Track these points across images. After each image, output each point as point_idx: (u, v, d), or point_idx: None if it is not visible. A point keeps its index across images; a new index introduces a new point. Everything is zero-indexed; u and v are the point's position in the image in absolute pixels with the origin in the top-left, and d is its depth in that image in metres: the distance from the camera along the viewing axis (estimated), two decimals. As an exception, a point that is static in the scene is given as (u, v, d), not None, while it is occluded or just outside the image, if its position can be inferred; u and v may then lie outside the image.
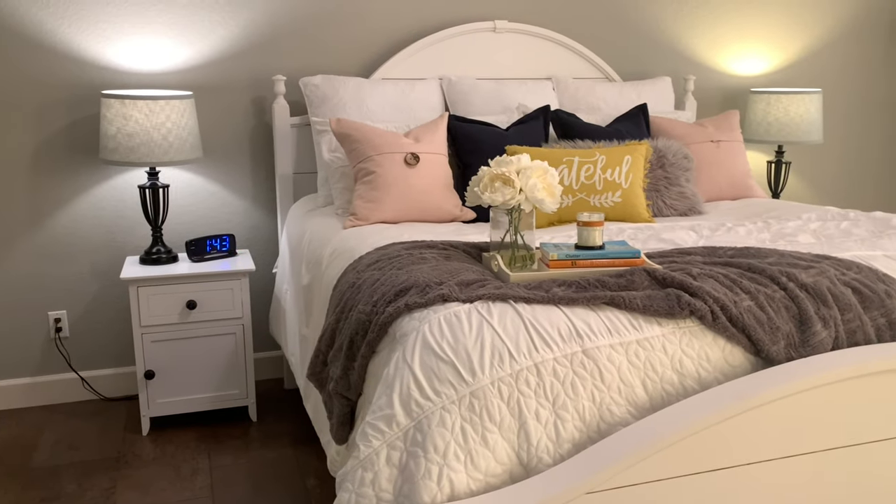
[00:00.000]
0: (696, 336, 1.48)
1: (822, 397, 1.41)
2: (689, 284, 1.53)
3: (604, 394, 1.41)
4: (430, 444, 1.32)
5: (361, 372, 1.58)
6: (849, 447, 1.45)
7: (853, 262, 1.73)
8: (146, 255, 2.71)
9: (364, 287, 1.72)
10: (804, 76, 3.72)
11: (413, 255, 1.84)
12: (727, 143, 2.95)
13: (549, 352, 1.42)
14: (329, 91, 2.77)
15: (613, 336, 1.45)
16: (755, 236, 2.14)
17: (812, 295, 1.57)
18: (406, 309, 1.54)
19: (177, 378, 2.67)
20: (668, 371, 1.44)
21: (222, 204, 2.99)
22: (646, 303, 1.49)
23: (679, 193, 2.64)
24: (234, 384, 2.73)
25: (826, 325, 1.53)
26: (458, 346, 1.41)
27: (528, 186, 1.73)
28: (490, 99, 2.93)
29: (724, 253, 1.84)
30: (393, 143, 2.45)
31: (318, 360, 1.77)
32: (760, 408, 1.37)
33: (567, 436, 1.37)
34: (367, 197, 2.39)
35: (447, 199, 2.47)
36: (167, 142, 2.56)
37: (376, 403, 1.40)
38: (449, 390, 1.36)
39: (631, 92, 3.15)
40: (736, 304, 1.50)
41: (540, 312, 1.49)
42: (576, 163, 2.48)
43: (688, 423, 1.31)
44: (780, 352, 1.48)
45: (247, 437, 2.63)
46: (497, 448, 1.34)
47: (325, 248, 2.24)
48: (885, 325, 1.59)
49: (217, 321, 2.68)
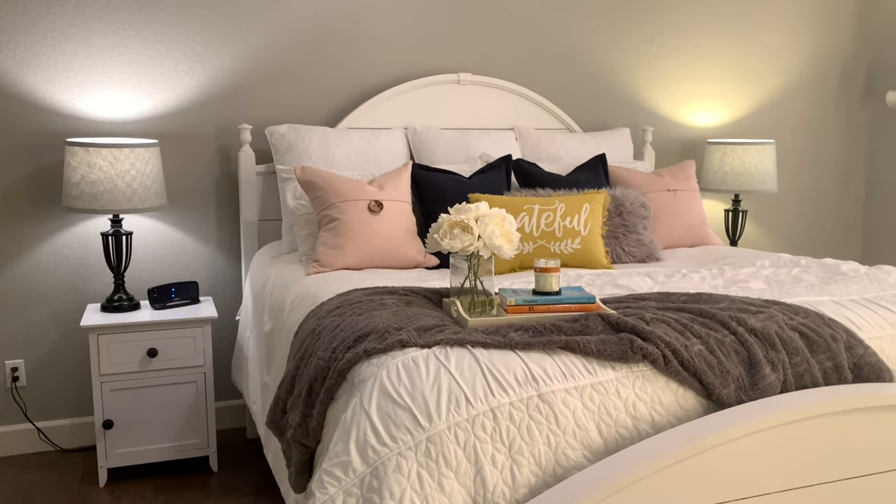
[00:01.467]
0: (649, 380, 1.51)
1: (771, 439, 1.44)
2: (642, 329, 1.56)
3: (559, 438, 1.42)
4: (387, 491, 1.32)
5: (320, 419, 1.58)
6: (798, 489, 1.47)
7: (801, 308, 1.79)
8: (107, 302, 2.69)
9: (324, 333, 1.73)
10: (758, 128, 3.85)
11: (374, 301, 1.86)
12: (683, 192, 3.04)
13: (505, 396, 1.44)
14: (295, 140, 2.81)
15: (568, 380, 1.48)
16: (709, 282, 2.20)
17: (761, 339, 1.61)
18: (365, 355, 1.55)
19: (136, 428, 2.62)
20: (622, 415, 1.47)
21: (186, 251, 2.99)
22: (600, 347, 1.52)
23: (637, 241, 2.70)
24: (194, 433, 2.69)
25: (774, 369, 1.57)
26: (415, 392, 1.43)
27: (486, 233, 1.77)
28: (454, 148, 2.99)
29: (678, 298, 1.89)
30: (357, 190, 2.49)
31: (277, 407, 1.76)
32: (712, 450, 1.39)
33: (523, 480, 1.38)
34: (331, 244, 2.42)
35: (411, 245, 2.50)
36: (131, 189, 2.57)
37: (333, 450, 1.40)
38: (405, 436, 1.37)
39: (591, 142, 3.24)
40: (687, 348, 1.54)
41: (497, 357, 1.51)
42: (536, 210, 2.54)
43: (641, 466, 1.33)
44: (730, 395, 1.52)
45: (206, 488, 2.58)
46: (453, 494, 1.35)
47: (287, 295, 2.24)
48: (832, 369, 1.64)
49: (178, 369, 2.65)
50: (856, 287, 2.07)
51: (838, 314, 1.80)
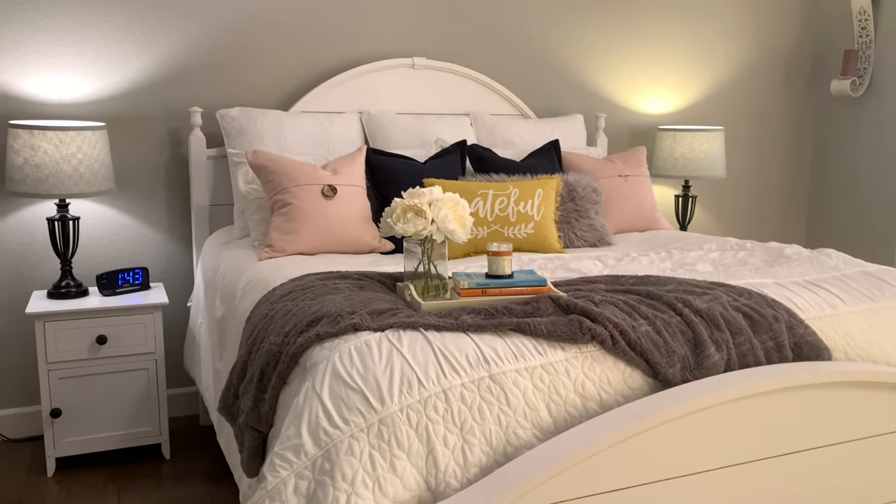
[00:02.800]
0: (598, 360, 1.54)
1: (715, 417, 1.48)
2: (591, 311, 1.59)
3: (510, 418, 1.45)
4: (338, 473, 1.32)
5: (272, 403, 1.58)
6: (741, 465, 1.52)
7: (745, 289, 1.84)
8: (54, 289, 2.63)
9: (276, 318, 1.73)
10: (708, 115, 3.93)
11: (327, 286, 1.86)
12: (634, 177, 3.08)
13: (456, 378, 1.45)
14: (246, 123, 2.78)
15: (519, 361, 1.50)
16: (657, 265, 2.24)
17: (706, 320, 1.66)
18: (317, 339, 1.55)
19: (85, 416, 2.58)
20: (571, 394, 1.50)
21: (136, 236, 2.93)
22: (550, 328, 1.55)
23: (589, 225, 2.74)
24: (146, 421, 2.65)
25: (719, 349, 1.62)
26: (367, 375, 1.43)
27: (439, 217, 1.78)
28: (409, 133, 2.99)
29: (626, 281, 1.92)
30: (310, 174, 2.47)
31: (229, 392, 1.75)
32: (658, 427, 1.43)
33: (474, 460, 1.40)
34: (284, 229, 2.40)
35: (365, 230, 2.49)
36: (78, 173, 2.51)
37: (285, 434, 1.40)
38: (357, 418, 1.38)
39: (545, 128, 3.27)
40: (634, 329, 1.58)
41: (449, 339, 1.53)
42: (490, 195, 2.55)
43: (590, 444, 1.36)
44: (676, 374, 1.55)
45: (159, 476, 2.56)
46: (405, 474, 1.36)
47: (239, 280, 2.22)
48: (774, 348, 1.69)
49: (129, 356, 2.61)
50: (798, 269, 2.13)
51: (781, 296, 1.86)
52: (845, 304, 1.86)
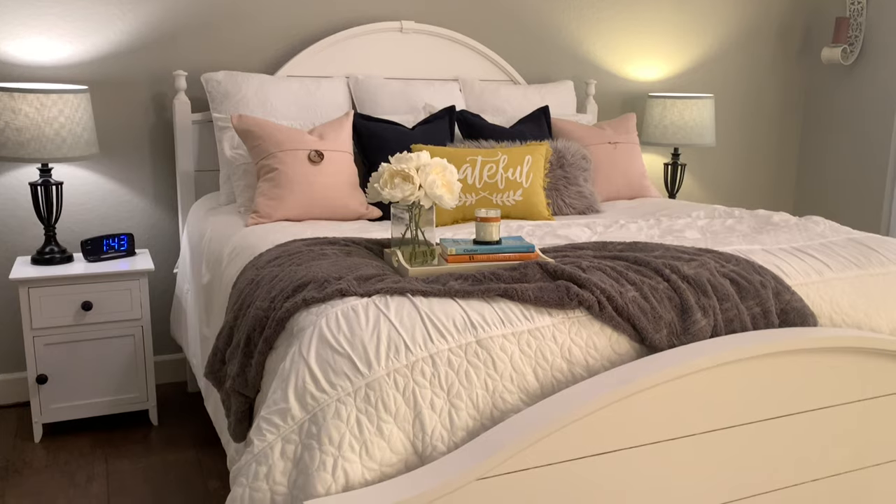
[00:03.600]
0: (585, 325, 1.54)
1: (701, 382, 1.49)
2: (579, 276, 1.59)
3: (497, 382, 1.45)
4: (325, 436, 1.32)
5: (259, 368, 1.57)
6: (727, 429, 1.54)
7: (732, 256, 1.84)
8: (38, 255, 2.61)
9: (263, 283, 1.72)
10: (698, 83, 3.90)
11: (313, 252, 1.84)
12: (624, 144, 3.07)
13: (444, 342, 1.45)
14: (232, 87, 2.74)
15: (506, 326, 1.50)
16: (645, 232, 2.24)
17: (693, 286, 1.66)
18: (304, 304, 1.54)
19: (72, 382, 2.57)
20: (557, 359, 1.50)
21: (120, 202, 2.90)
22: (537, 294, 1.54)
23: (577, 193, 2.73)
24: (133, 387, 2.65)
25: (706, 314, 1.62)
26: (354, 339, 1.43)
27: (427, 183, 1.76)
28: (397, 98, 2.96)
29: (614, 247, 1.92)
30: (296, 140, 2.44)
31: (215, 358, 1.75)
32: (643, 392, 1.44)
33: (461, 424, 1.41)
34: (270, 194, 2.38)
35: (352, 197, 2.47)
36: (60, 137, 2.47)
37: (271, 398, 1.40)
38: (345, 382, 1.37)
39: (534, 95, 3.24)
40: (622, 294, 1.58)
41: (436, 305, 1.52)
42: (479, 162, 2.54)
43: (576, 408, 1.37)
44: (662, 339, 1.56)
45: (147, 442, 2.56)
46: (392, 438, 1.36)
47: (225, 247, 2.21)
48: (760, 314, 1.70)
49: (115, 323, 2.60)
50: (786, 236, 2.14)
51: (768, 262, 1.86)
52: (832, 270, 1.87)
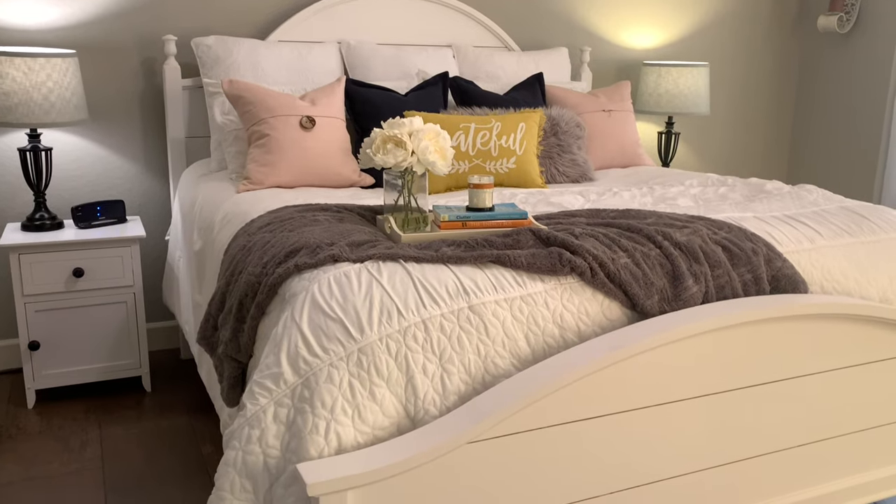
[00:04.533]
0: (577, 292, 1.54)
1: (691, 348, 1.50)
2: (571, 243, 1.59)
3: (489, 347, 1.45)
4: (318, 400, 1.33)
5: (251, 334, 1.58)
6: (717, 394, 1.55)
7: (724, 223, 1.84)
8: (28, 221, 2.59)
9: (254, 249, 1.71)
10: (693, 50, 3.87)
11: (305, 218, 1.83)
12: (618, 112, 3.05)
13: (436, 308, 1.45)
14: (222, 52, 2.70)
15: (498, 292, 1.50)
16: (638, 200, 2.24)
17: (685, 253, 1.66)
18: (296, 269, 1.54)
19: (64, 349, 2.57)
20: (549, 325, 1.50)
21: (111, 169, 2.88)
22: (530, 260, 1.54)
23: (571, 161, 2.72)
24: (126, 354, 2.65)
25: (697, 281, 1.63)
26: (346, 305, 1.43)
27: (419, 149, 1.75)
28: (389, 64, 2.93)
29: (607, 215, 1.92)
30: (288, 105, 2.42)
31: (208, 323, 1.75)
32: (634, 357, 1.45)
33: (453, 388, 1.41)
34: (261, 161, 2.36)
35: (345, 163, 2.46)
36: (48, 102, 2.44)
37: (264, 362, 1.40)
38: (337, 347, 1.38)
39: (529, 62, 3.21)
40: (614, 261, 1.58)
41: (429, 271, 1.52)
42: (472, 129, 2.52)
43: (566, 373, 1.38)
44: (653, 306, 1.57)
45: (140, 408, 2.57)
46: (385, 402, 1.37)
47: (217, 213, 2.19)
48: (752, 281, 1.70)
49: (106, 289, 2.59)
50: (778, 204, 2.14)
51: (760, 229, 1.87)
52: (823, 238, 1.87)
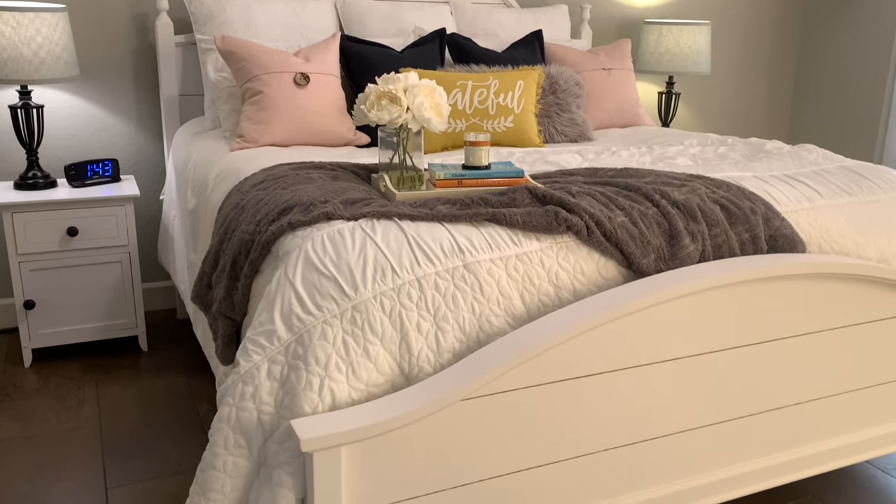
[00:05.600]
0: (572, 250, 1.53)
1: (687, 306, 1.50)
2: (568, 201, 1.57)
3: (483, 306, 1.45)
4: (312, 357, 1.33)
5: (245, 292, 1.57)
6: (712, 353, 1.55)
7: (723, 182, 1.82)
8: (21, 180, 2.57)
9: (248, 207, 1.69)
10: (695, 9, 3.81)
11: (299, 175, 1.81)
12: (618, 71, 3.01)
13: (431, 266, 1.44)
14: (215, 8, 2.65)
15: (494, 251, 1.49)
16: (637, 159, 2.22)
17: (682, 211, 1.65)
18: (289, 227, 1.52)
19: (60, 308, 2.57)
20: (544, 283, 1.49)
21: (104, 127, 2.84)
22: (525, 219, 1.53)
23: (570, 120, 2.69)
24: (122, 313, 2.65)
25: (694, 240, 1.61)
26: (340, 262, 1.41)
27: (414, 105, 1.72)
28: (386, 21, 2.87)
29: (605, 174, 1.90)
30: (281, 62, 2.38)
31: (202, 282, 1.74)
32: (629, 316, 1.44)
33: (447, 346, 1.41)
34: (255, 118, 2.33)
35: (340, 122, 2.43)
36: (38, 58, 2.39)
37: (257, 320, 1.39)
38: (331, 305, 1.37)
39: (528, 19, 3.15)
40: (610, 219, 1.56)
41: (423, 229, 1.50)
42: (469, 87, 2.48)
43: (561, 331, 1.37)
44: (650, 265, 1.55)
45: (136, 367, 2.58)
46: (379, 359, 1.36)
47: (210, 172, 2.17)
48: (749, 240, 1.69)
49: (101, 249, 2.58)
50: (777, 164, 2.12)
51: (759, 189, 1.85)
52: (823, 197, 1.86)
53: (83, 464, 1.99)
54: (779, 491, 1.96)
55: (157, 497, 1.86)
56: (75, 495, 1.86)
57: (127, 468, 1.98)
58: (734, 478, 1.63)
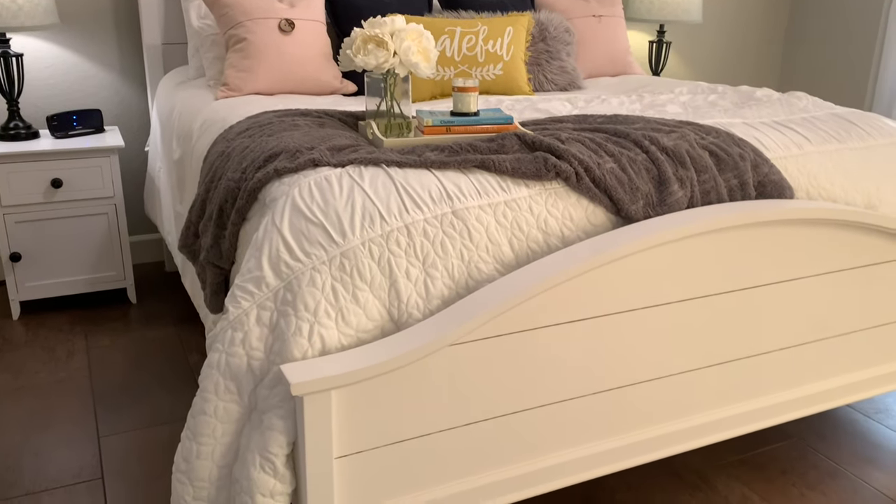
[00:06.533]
0: (561, 197, 1.53)
1: (675, 252, 1.50)
2: (557, 147, 1.56)
3: (472, 252, 1.44)
4: (301, 303, 1.33)
5: (232, 240, 1.56)
6: (699, 298, 1.56)
7: (712, 128, 1.81)
8: (3, 130, 2.53)
9: (233, 155, 1.67)
10: (687, -46, 3.74)
11: (285, 123, 1.79)
12: (609, 18, 2.97)
13: (419, 213, 1.43)
14: (197, -48, 2.58)
15: (482, 197, 1.48)
16: (627, 107, 2.20)
17: (671, 157, 1.64)
18: (276, 174, 1.51)
19: (47, 260, 2.55)
20: (533, 230, 1.49)
21: (86, 77, 2.79)
22: (514, 165, 1.52)
23: (560, 68, 2.66)
24: (109, 266, 2.64)
25: (683, 186, 1.61)
26: (328, 209, 1.41)
27: (401, 49, 1.70)
28: (372, -33, 2.81)
29: (595, 120, 1.88)
30: (265, 8, 2.33)
31: (189, 231, 1.73)
32: (617, 262, 1.44)
33: (436, 293, 1.41)
34: (240, 66, 2.29)
35: (326, 69, 2.39)
36: (16, 4, 2.33)
37: (245, 266, 1.39)
38: (319, 251, 1.36)
39: (517, -36, 3.09)
40: (600, 165, 1.55)
41: (412, 176, 1.49)
42: (458, 33, 2.44)
43: (549, 276, 1.37)
44: (638, 211, 1.55)
45: (126, 319, 2.57)
46: (368, 305, 1.37)
47: (195, 121, 2.14)
48: (738, 186, 1.69)
49: (87, 200, 2.55)
50: (768, 111, 2.11)
51: (748, 135, 1.84)
52: (811, 144, 1.85)
53: (75, 414, 2.01)
54: (762, 434, 2.00)
55: (149, 445, 1.88)
56: (68, 444, 1.88)
57: (119, 417, 1.99)
58: (718, 421, 1.66)
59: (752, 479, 1.82)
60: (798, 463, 1.88)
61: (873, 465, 1.87)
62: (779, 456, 1.91)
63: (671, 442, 1.62)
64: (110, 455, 1.84)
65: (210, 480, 1.33)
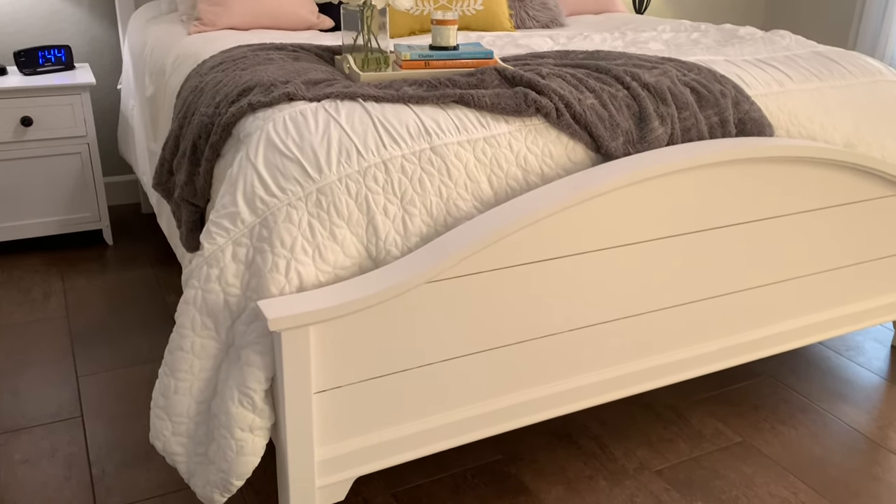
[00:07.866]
0: (541, 133, 1.51)
1: (654, 189, 1.50)
2: (537, 83, 1.54)
3: (451, 189, 1.43)
4: (277, 240, 1.31)
5: (207, 176, 1.53)
6: (677, 236, 1.56)
7: (694, 65, 1.79)
8: (-33, 67, 2.45)
9: (206, 90, 1.63)
10: None
11: (259, 57, 1.75)
12: (592, -47, 2.90)
13: (397, 149, 1.41)
14: None
15: (461, 133, 1.46)
16: (609, 44, 2.17)
17: (653, 93, 1.62)
18: (249, 108, 1.47)
19: (18, 201, 2.50)
20: (512, 167, 1.48)
21: (53, 12, 2.70)
22: (494, 101, 1.49)
23: (541, 4, 2.60)
24: (84, 207, 2.60)
25: (663, 122, 1.60)
26: (303, 144, 1.38)
27: (378, -19, 1.65)
28: None
29: (576, 56, 1.86)
30: (239, -61, 2.25)
31: (163, 168, 1.70)
32: (597, 199, 1.44)
33: (415, 230, 1.40)
34: (213, 0, 2.22)
35: (301, 3, 2.33)
36: (-25, -67, 2.24)
37: (220, 202, 1.37)
38: (295, 187, 1.34)
39: None
40: (580, 101, 1.54)
41: (389, 111, 1.47)
42: (437, -32, 2.38)
43: (528, 213, 1.36)
44: (618, 147, 1.54)
45: (102, 260, 2.55)
46: (345, 242, 1.36)
47: (168, 56, 2.08)
48: (718, 124, 1.68)
49: (58, 139, 2.49)
50: (750, 49, 2.08)
51: (730, 72, 1.82)
52: (793, 81, 1.84)
53: (52, 354, 2.00)
54: (735, 371, 2.04)
55: (128, 384, 1.88)
56: (47, 384, 1.87)
57: (97, 357, 1.99)
58: (693, 358, 1.69)
59: (726, 413, 1.86)
60: (770, 399, 1.92)
61: (843, 401, 1.92)
62: (751, 392, 1.95)
63: (647, 377, 1.64)
64: (89, 394, 1.83)
65: (188, 415, 1.34)
